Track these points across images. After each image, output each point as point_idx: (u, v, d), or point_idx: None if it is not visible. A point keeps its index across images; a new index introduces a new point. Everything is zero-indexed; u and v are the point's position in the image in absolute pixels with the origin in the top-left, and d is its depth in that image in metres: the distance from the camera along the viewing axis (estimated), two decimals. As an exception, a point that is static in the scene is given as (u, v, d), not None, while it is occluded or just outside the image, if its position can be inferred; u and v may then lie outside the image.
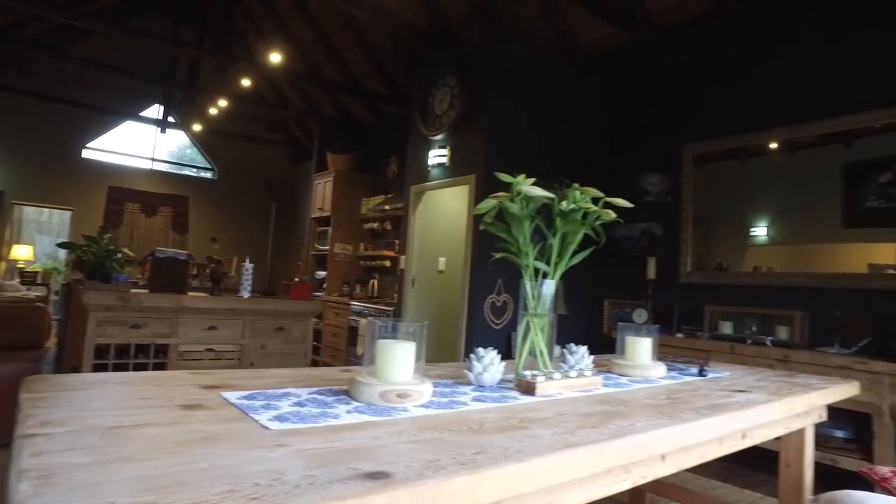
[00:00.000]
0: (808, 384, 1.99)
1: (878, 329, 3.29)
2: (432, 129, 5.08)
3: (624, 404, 1.41)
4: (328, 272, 7.32)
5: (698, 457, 1.46)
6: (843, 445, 3.21)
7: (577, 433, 1.08)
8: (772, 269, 3.99)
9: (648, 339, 1.98)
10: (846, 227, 3.71)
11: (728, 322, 3.90)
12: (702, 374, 2.02)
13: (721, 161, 4.34)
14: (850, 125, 3.66)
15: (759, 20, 4.19)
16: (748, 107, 4.16)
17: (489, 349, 1.61)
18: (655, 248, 4.53)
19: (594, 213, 1.64)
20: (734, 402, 1.52)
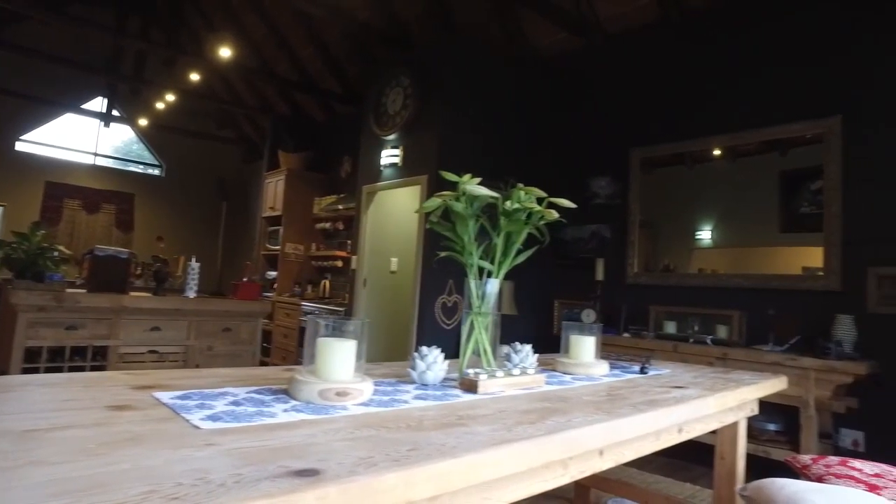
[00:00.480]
0: (741, 380, 2.07)
1: (807, 327, 3.46)
2: (385, 128, 5.06)
3: (564, 401, 1.43)
4: (279, 272, 7.19)
5: (636, 451, 1.50)
6: (775, 437, 3.36)
7: (514, 429, 1.09)
8: (716, 271, 4.13)
9: (592, 338, 2.03)
10: (782, 232, 3.88)
11: (672, 322, 4.03)
12: (643, 371, 2.08)
13: (670, 166, 4.48)
14: (784, 134, 3.84)
15: (702, 31, 4.35)
16: (693, 113, 4.31)
17: (433, 348, 1.61)
18: (604, 250, 4.64)
19: (538, 213, 1.67)
20: (670, 398, 1.57)
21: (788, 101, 3.82)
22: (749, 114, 4.00)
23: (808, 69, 3.77)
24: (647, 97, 4.63)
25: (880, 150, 3.45)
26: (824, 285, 3.55)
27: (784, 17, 3.93)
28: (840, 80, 3.63)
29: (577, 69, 5.17)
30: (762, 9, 4.03)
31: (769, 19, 4.00)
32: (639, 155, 4.58)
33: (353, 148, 6.01)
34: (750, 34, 4.08)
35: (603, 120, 4.91)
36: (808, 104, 3.73)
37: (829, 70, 3.68)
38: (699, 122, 4.25)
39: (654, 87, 4.59)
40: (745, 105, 4.03)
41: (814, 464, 1.93)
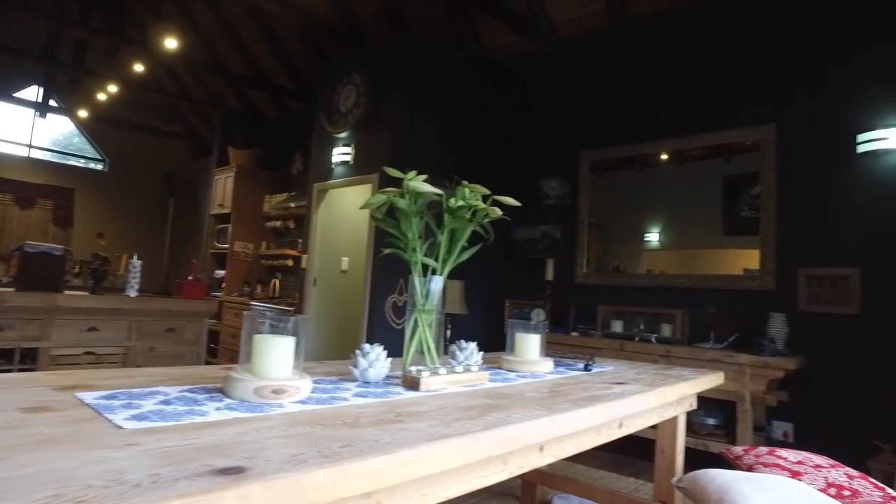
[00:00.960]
0: (680, 376, 2.14)
1: (744, 325, 3.60)
2: (337, 126, 5.00)
3: (505, 398, 1.44)
4: (227, 271, 7.01)
5: (577, 446, 1.52)
6: (714, 431, 3.48)
7: (452, 426, 1.09)
8: (664, 271, 4.25)
9: (537, 336, 2.05)
10: (726, 235, 4.02)
11: (619, 321, 4.12)
12: (587, 369, 2.12)
13: (621, 169, 4.57)
14: (725, 140, 3.99)
15: (650, 38, 4.47)
16: (641, 118, 4.43)
17: (375, 345, 1.60)
18: (554, 251, 4.71)
19: (483, 211, 1.67)
20: (610, 394, 1.61)
21: (729, 109, 3.97)
22: (694, 120, 4.13)
23: (746, 79, 3.93)
24: (598, 101, 4.73)
25: (810, 157, 3.61)
26: (760, 285, 3.70)
27: (724, 30, 4.08)
28: (774, 91, 3.80)
29: (530, 71, 5.24)
30: (705, 20, 4.17)
31: (711, 30, 4.14)
32: (589, 157, 4.67)
33: (305, 145, 5.92)
34: (694, 43, 4.22)
35: (555, 122, 4.99)
36: (747, 112, 3.89)
37: (765, 80, 3.84)
38: (647, 127, 4.37)
39: (605, 92, 4.69)
40: (690, 111, 4.17)
41: (745, 454, 2.01)
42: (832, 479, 1.80)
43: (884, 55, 3.36)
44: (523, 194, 4.94)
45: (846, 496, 1.75)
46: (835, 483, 1.78)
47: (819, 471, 1.84)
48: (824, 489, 1.75)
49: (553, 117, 5.01)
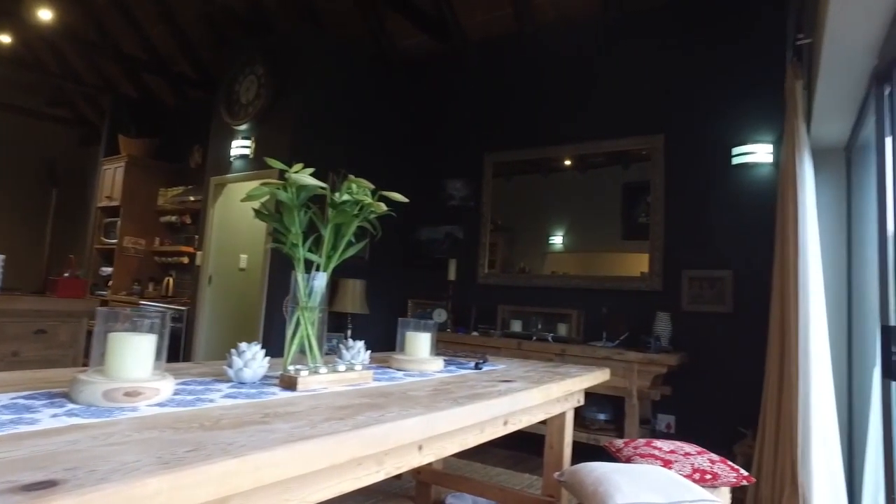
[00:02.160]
0: (568, 373, 2.20)
1: (634, 324, 3.80)
2: (237, 118, 4.78)
3: (385, 396, 1.41)
4: (115, 268, 6.51)
5: (459, 444, 1.52)
6: (604, 426, 3.64)
7: (319, 426, 1.04)
8: (567, 273, 4.37)
9: (427, 335, 2.04)
10: (624, 239, 4.19)
11: (518, 321, 4.22)
12: (478, 367, 2.13)
13: (528, 173, 4.67)
14: (621, 147, 4.19)
15: (554, 44, 4.62)
16: (543, 123, 4.56)
17: (253, 344, 1.52)
18: (457, 251, 4.75)
19: (368, 206, 1.64)
20: (495, 391, 1.62)
21: (625, 118, 4.18)
22: (593, 127, 4.31)
23: (640, 90, 4.15)
24: (503, 105, 4.82)
25: (693, 167, 3.87)
26: (649, 286, 3.92)
27: (620, 39, 4.28)
28: (663, 103, 4.03)
29: (439, 72, 5.26)
30: (605, 31, 4.36)
31: (610, 41, 4.34)
32: (492, 160, 4.75)
33: (206, 137, 5.61)
34: (594, 52, 4.40)
35: (460, 124, 5.04)
36: (640, 122, 4.10)
37: (656, 93, 4.08)
38: (549, 132, 4.51)
39: (510, 96, 4.80)
40: (590, 118, 4.34)
41: (625, 447, 2.10)
42: (697, 465, 1.91)
43: (752, 76, 3.65)
44: (429, 194, 5.01)
45: (708, 479, 1.87)
46: (699, 469, 1.90)
47: (687, 458, 1.96)
48: (690, 474, 1.86)
49: (459, 119, 5.06)
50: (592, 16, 4.39)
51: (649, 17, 4.16)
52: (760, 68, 3.61)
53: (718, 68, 3.84)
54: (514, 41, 4.81)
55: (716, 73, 3.85)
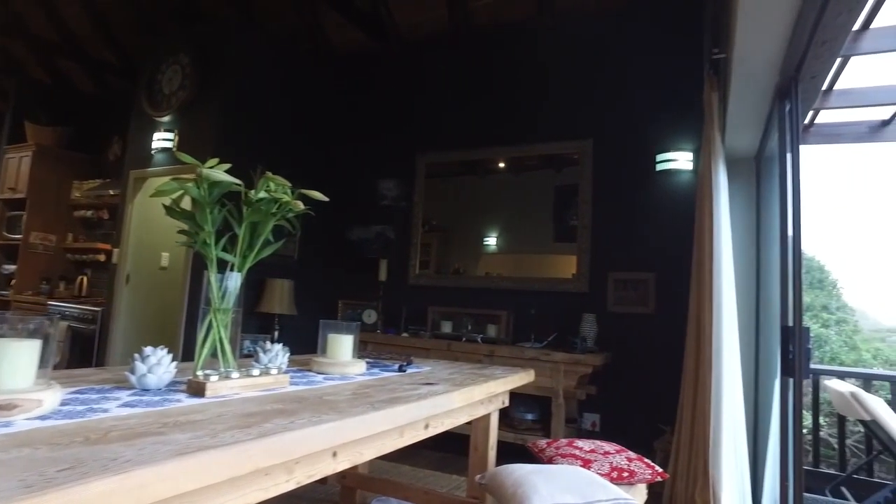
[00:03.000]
0: (493, 375, 2.21)
1: (562, 325, 3.88)
2: (159, 109, 4.55)
3: (300, 402, 1.36)
4: (19, 266, 6.04)
5: (377, 449, 1.49)
6: (531, 426, 3.69)
7: (220, 435, 0.98)
8: (500, 274, 4.40)
9: (349, 337, 1.99)
10: (556, 241, 4.26)
11: (449, 322, 4.22)
12: (402, 370, 2.10)
13: (464, 175, 4.67)
14: (551, 151, 4.26)
15: (487, 47, 4.65)
16: (477, 124, 4.59)
17: (159, 348, 1.43)
18: (389, 251, 4.70)
19: (286, 205, 1.58)
20: (414, 395, 1.59)
21: (557, 122, 4.26)
22: (525, 130, 4.37)
23: (572, 95, 4.24)
24: (437, 105, 4.82)
25: (620, 172, 3.99)
26: (576, 288, 4.01)
27: (553, 44, 4.37)
28: (593, 109, 4.14)
29: (374, 70, 5.20)
30: (539, 35, 4.43)
31: (544, 45, 4.41)
32: (426, 160, 4.74)
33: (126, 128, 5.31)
34: (528, 56, 4.47)
35: (394, 123, 5.00)
36: (570, 126, 4.20)
37: (586, 98, 4.18)
38: (482, 134, 4.54)
39: (444, 97, 4.80)
40: (522, 121, 4.40)
41: (548, 447, 2.13)
42: (615, 464, 1.96)
43: (676, 86, 3.79)
44: (361, 193, 4.93)
45: (625, 477, 1.92)
46: (617, 467, 1.95)
47: (606, 457, 2.00)
48: (608, 473, 1.90)
49: (392, 118, 5.02)
50: (526, 20, 4.46)
51: (581, 23, 4.26)
52: (684, 79, 3.75)
53: (645, 77, 3.98)
54: (448, 42, 4.82)
55: (642, 81, 3.99)
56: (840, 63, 2.69)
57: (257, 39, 4.57)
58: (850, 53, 2.49)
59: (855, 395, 2.74)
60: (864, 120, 3.50)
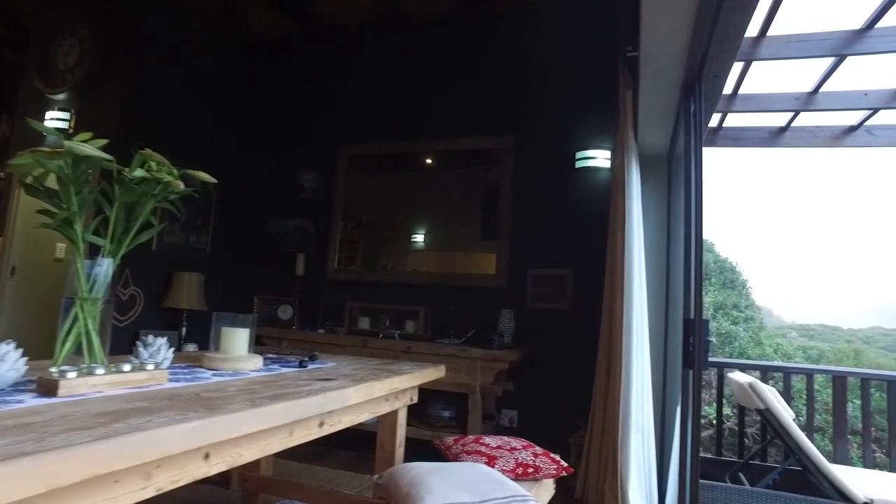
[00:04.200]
0: (399, 370, 2.13)
1: (482, 322, 3.85)
2: (53, 86, 4.18)
3: (170, 400, 1.24)
4: None
5: (260, 450, 1.38)
6: (449, 424, 3.65)
7: (48, 439, 0.86)
8: (416, 271, 4.33)
9: (244, 331, 1.87)
10: (484, 240, 4.22)
11: (367, 318, 4.11)
12: (302, 366, 1.99)
13: (395, 171, 4.56)
14: (473, 146, 4.24)
15: (413, 38, 4.58)
16: (401, 117, 4.51)
17: (6, 343, 1.26)
18: (308, 245, 4.54)
19: (165, 185, 1.44)
20: (304, 391, 1.49)
21: (479, 117, 4.24)
22: (448, 123, 4.32)
23: (494, 89, 4.23)
24: (360, 96, 4.70)
25: (541, 169, 4.02)
26: (496, 284, 4.00)
27: (479, 39, 4.35)
28: (516, 104, 4.15)
29: (296, 58, 5.01)
30: (464, 29, 4.40)
31: (469, 38, 4.39)
32: (346, 152, 4.61)
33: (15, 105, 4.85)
34: (454, 48, 4.43)
35: (315, 113, 4.83)
36: (493, 122, 4.19)
37: (508, 93, 4.18)
38: (406, 127, 4.47)
39: (367, 87, 4.68)
40: (445, 115, 4.36)
41: (454, 444, 2.08)
42: (521, 460, 1.93)
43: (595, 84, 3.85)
44: (280, 185, 4.74)
45: (530, 473, 1.90)
46: (522, 463, 1.92)
47: (512, 453, 1.97)
48: (513, 469, 1.87)
49: (314, 108, 4.85)
50: (452, 13, 4.41)
51: (505, 20, 4.26)
52: (605, 77, 3.81)
53: (567, 75, 4.02)
54: (373, 32, 4.71)
55: (564, 79, 4.03)
56: (743, 67, 2.80)
57: (169, 18, 4.29)
58: (751, 58, 2.59)
59: (752, 385, 2.85)
60: (765, 125, 3.69)
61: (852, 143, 3.55)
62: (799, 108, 3.15)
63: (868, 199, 16.18)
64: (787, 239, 14.53)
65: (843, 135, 3.55)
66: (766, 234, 13.70)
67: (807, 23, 2.56)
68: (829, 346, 12.84)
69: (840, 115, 3.47)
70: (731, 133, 3.76)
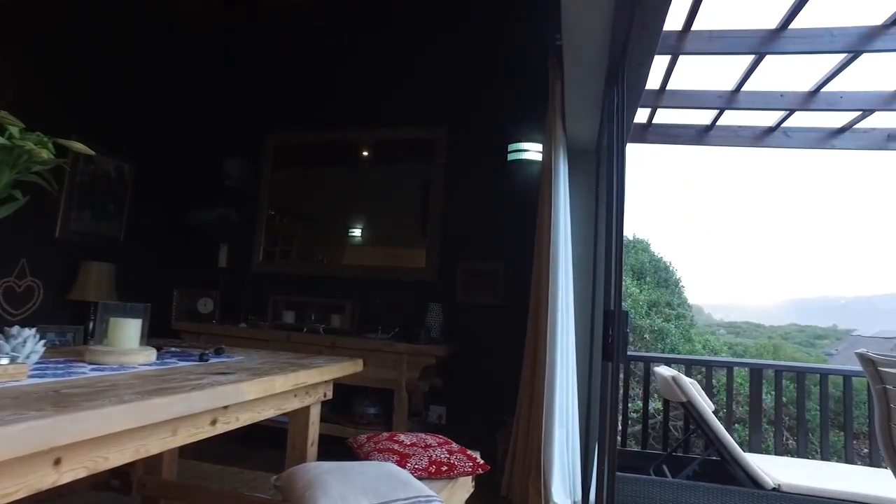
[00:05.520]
0: (311, 364, 2.01)
1: (411, 316, 3.76)
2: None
3: (16, 398, 1.08)
4: None
5: (133, 453, 1.23)
6: (373, 420, 3.54)
7: None
8: (358, 265, 4.17)
9: (135, 322, 1.71)
10: (422, 234, 4.10)
11: (292, 312, 3.94)
12: (203, 359, 1.84)
13: (333, 165, 4.38)
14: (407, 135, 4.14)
15: (344, 23, 4.42)
16: (331, 105, 4.35)
17: None
18: (232, 236, 4.32)
19: (27, 153, 1.27)
20: (188, 385, 1.36)
21: (413, 106, 4.14)
22: (381, 112, 4.21)
23: (428, 78, 4.14)
24: (289, 82, 4.51)
25: (473, 160, 3.96)
26: (427, 278, 3.91)
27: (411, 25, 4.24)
28: (447, 93, 4.07)
29: (221, 39, 4.74)
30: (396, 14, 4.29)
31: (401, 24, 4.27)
32: (275, 140, 4.42)
33: None
34: (386, 35, 4.30)
35: (243, 98, 4.60)
36: (426, 112, 4.10)
37: (442, 83, 4.10)
38: (336, 114, 4.32)
39: (297, 73, 4.50)
40: (378, 103, 4.23)
41: (367, 442, 1.97)
42: (435, 457, 1.85)
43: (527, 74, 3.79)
44: (204, 172, 4.49)
45: (444, 471, 1.82)
46: (437, 461, 1.84)
47: (427, 450, 1.89)
48: (426, 467, 1.79)
49: (241, 93, 4.62)
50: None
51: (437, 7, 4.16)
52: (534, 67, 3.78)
53: (496, 65, 3.97)
54: (302, 15, 4.52)
55: (494, 69, 3.98)
56: (669, 62, 2.81)
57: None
58: (677, 52, 2.61)
59: (675, 378, 2.88)
60: (693, 123, 3.76)
61: (771, 143, 3.66)
62: (723, 105, 3.21)
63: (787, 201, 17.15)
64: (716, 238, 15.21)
65: (763, 135, 3.66)
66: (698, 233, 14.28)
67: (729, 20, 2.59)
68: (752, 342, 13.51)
69: (761, 116, 3.57)
70: (661, 130, 3.81)
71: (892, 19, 2.45)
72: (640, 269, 8.77)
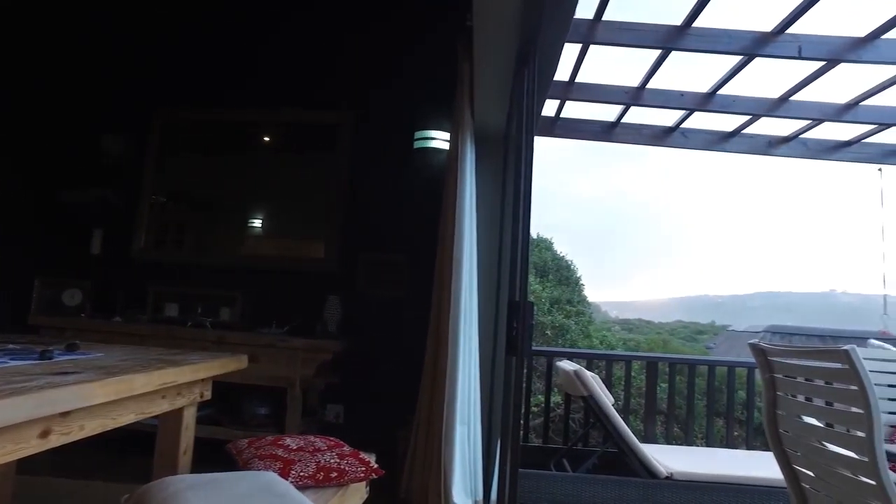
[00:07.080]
0: (185, 360, 1.77)
1: (309, 309, 3.52)
2: None
3: None
4: None
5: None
6: (265, 422, 3.28)
7: None
8: (251, 254, 3.87)
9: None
10: (323, 224, 3.84)
11: (175, 304, 3.59)
12: (45, 357, 1.56)
13: (234, 153, 4.04)
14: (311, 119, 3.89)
15: None
16: (229, 82, 4.02)
17: None
18: (109, 220, 3.87)
19: None
20: (6, 390, 1.10)
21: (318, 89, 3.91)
22: (284, 94, 3.93)
23: (332, 58, 3.92)
24: (186, 54, 4.10)
25: (379, 147, 3.79)
26: (326, 269, 3.69)
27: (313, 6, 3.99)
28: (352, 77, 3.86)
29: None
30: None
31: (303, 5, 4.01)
32: (163, 117, 4.01)
33: None
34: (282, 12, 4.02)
35: (127, 68, 4.13)
36: (330, 95, 3.87)
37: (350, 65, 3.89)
38: (234, 92, 3.99)
39: (195, 45, 4.10)
40: (281, 84, 3.96)
41: (248, 447, 1.77)
42: (324, 463, 1.68)
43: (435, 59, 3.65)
44: (77, 148, 3.99)
45: (333, 477, 1.66)
46: (325, 466, 1.67)
47: (315, 455, 1.71)
48: (313, 474, 1.62)
49: (126, 62, 4.15)
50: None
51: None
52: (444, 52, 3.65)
53: (406, 48, 3.82)
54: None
55: (403, 52, 3.83)
56: (580, 52, 2.79)
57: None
58: (587, 41, 2.58)
59: (577, 372, 2.88)
60: (599, 119, 3.80)
61: (671, 143, 3.77)
62: (629, 101, 3.25)
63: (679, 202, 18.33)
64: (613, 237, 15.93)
65: (664, 135, 3.76)
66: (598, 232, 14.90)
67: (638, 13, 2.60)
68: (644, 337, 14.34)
69: (662, 115, 3.67)
70: (569, 124, 3.82)
71: (780, 27, 2.55)
72: (542, 268, 8.97)
